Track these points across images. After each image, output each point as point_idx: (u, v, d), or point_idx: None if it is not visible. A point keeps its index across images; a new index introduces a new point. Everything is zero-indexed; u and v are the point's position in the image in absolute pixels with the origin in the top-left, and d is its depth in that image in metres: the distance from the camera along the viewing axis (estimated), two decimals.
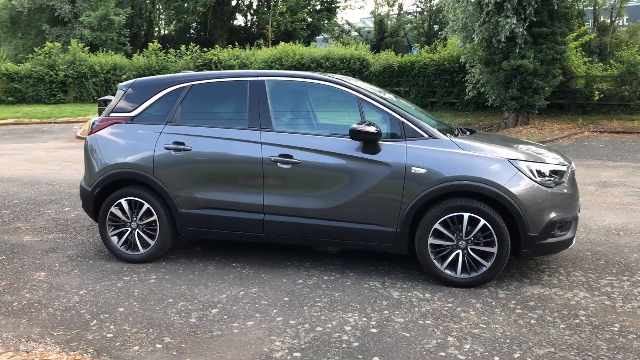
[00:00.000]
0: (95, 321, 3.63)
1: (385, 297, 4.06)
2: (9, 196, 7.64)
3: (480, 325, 3.58)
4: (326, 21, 37.34)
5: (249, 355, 3.19)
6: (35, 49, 23.79)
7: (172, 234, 4.77)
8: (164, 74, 23.56)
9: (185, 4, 33.20)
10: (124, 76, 23.32)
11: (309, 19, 36.24)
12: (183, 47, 24.03)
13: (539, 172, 4.20)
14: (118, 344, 3.32)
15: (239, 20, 42.26)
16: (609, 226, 6.09)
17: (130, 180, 4.79)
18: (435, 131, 4.35)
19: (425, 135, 4.32)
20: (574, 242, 4.46)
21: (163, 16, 38.10)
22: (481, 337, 3.41)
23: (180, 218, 4.69)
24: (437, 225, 4.20)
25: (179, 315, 3.72)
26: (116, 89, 5.14)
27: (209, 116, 4.81)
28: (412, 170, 4.23)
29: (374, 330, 3.50)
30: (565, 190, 4.33)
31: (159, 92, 4.87)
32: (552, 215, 4.17)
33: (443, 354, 3.20)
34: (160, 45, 24.52)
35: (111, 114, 4.96)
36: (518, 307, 3.87)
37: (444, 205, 4.20)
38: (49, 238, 5.63)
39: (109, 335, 3.43)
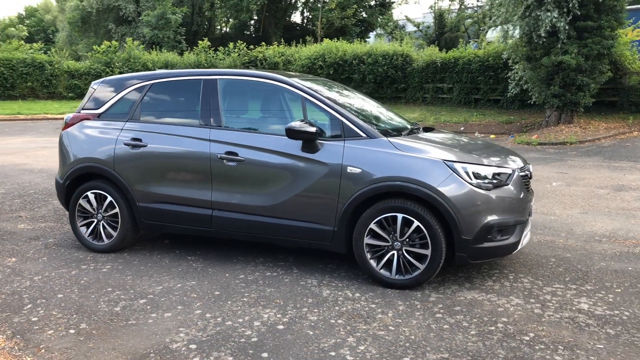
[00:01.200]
0: (30, 305, 3.89)
1: (314, 295, 4.10)
2: (28, 186, 8.20)
3: (390, 327, 3.56)
4: (380, 17, 37.04)
5: (149, 344, 3.33)
6: (94, 47, 25.11)
7: (132, 227, 5.00)
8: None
9: (241, 2, 33.90)
10: None
11: (364, 15, 36.10)
12: (231, 45, 24.62)
13: (475, 174, 4.10)
14: (36, 327, 3.55)
15: (296, 17, 42.78)
16: (596, 232, 5.81)
17: (95, 174, 5.07)
18: (374, 131, 4.33)
19: (363, 135, 4.31)
20: (519, 247, 4.32)
21: (220, 14, 38.99)
22: (382, 339, 3.39)
23: (139, 211, 4.91)
24: (372, 225, 4.19)
25: (107, 304, 3.92)
26: None
27: (165, 113, 5.00)
28: (348, 170, 4.24)
29: (281, 327, 3.56)
30: (507, 194, 4.19)
31: (123, 90, 5.12)
32: (489, 218, 4.06)
33: (333, 353, 3.22)
34: (210, 43, 25.23)
35: (82, 111, 5.26)
36: (441, 311, 3.81)
37: (379, 205, 4.19)
38: (40, 227, 6.03)
39: (34, 319, 3.68)
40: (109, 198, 5.00)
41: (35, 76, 23.50)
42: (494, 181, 4.16)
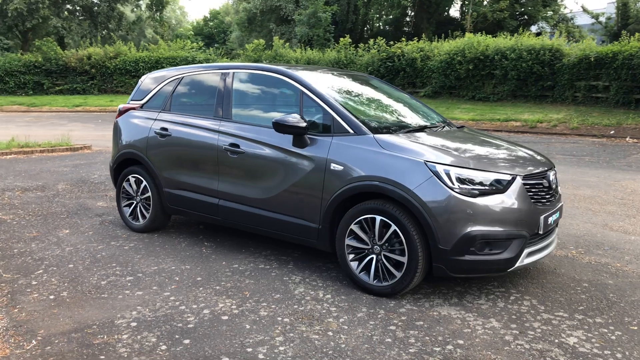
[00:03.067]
0: (40, 271, 4.42)
1: (285, 291, 4.05)
2: None
3: (329, 333, 3.39)
4: (544, 8, 34.25)
5: (101, 317, 3.59)
6: (247, 46, 26.95)
7: (161, 210, 5.37)
8: (350, 67, 24.68)
9: None
10: None
11: (522, 7, 33.69)
12: (371, 42, 24.70)
13: (460, 178, 3.69)
14: (29, 290, 4.03)
15: (455, 12, 41.43)
16: None
17: (135, 160, 5.53)
18: (361, 127, 4.12)
19: (351, 131, 4.12)
20: (517, 265, 3.80)
21: (373, 11, 39.25)
22: (309, 343, 3.25)
23: (164, 196, 5.26)
24: (353, 226, 4.01)
25: (99, 277, 4.29)
26: None
27: (190, 105, 5.27)
28: (331, 167, 4.10)
29: (225, 318, 3.59)
30: (499, 203, 3.71)
31: (161, 83, 5.51)
32: (471, 229, 3.64)
33: (250, 350, 3.17)
34: (351, 40, 25.58)
35: (130, 102, 5.76)
36: (399, 324, 3.52)
37: (361, 206, 3.99)
38: (113, 206, 6.73)
39: (34, 283, 4.17)
40: (144, 182, 5.42)
41: None
42: (483, 187, 3.70)
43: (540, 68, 19.54)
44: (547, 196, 4.03)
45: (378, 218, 3.89)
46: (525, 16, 34.74)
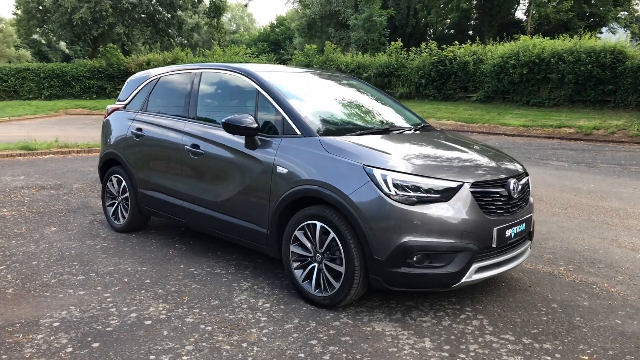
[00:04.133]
0: (2, 267, 4.51)
1: (225, 298, 3.91)
2: None
3: (243, 344, 3.22)
4: (615, 8, 32.32)
5: (29, 315, 3.59)
6: (296, 52, 27.08)
7: (137, 211, 5.38)
8: (401, 71, 24.26)
9: (451, 1, 33.00)
10: (364, 74, 24.76)
11: (596, 8, 31.93)
12: (423, 45, 24.18)
13: (397, 184, 3.41)
14: None
15: (520, 14, 39.92)
16: None
17: (116, 160, 5.57)
18: (309, 128, 3.92)
19: (299, 132, 3.93)
20: (463, 281, 3.47)
21: (433, 15, 38.44)
22: (216, 354, 3.09)
23: (139, 197, 5.26)
24: (297, 232, 3.82)
25: (52, 275, 4.33)
26: None
27: (163, 106, 5.23)
28: (277, 170, 3.93)
29: (148, 323, 3.50)
30: (441, 212, 3.40)
31: (142, 83, 5.53)
32: (407, 238, 3.36)
33: (153, 357, 3.05)
34: (402, 44, 25.12)
35: (116, 103, 5.82)
36: (323, 339, 3.30)
37: (304, 211, 3.79)
38: None
39: None
40: (123, 183, 5.45)
41: None
42: (423, 194, 3.41)
43: (600, 71, 18.37)
44: (505, 206, 3.66)
45: (318, 225, 3.68)
46: (596, 17, 32.93)
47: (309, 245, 3.77)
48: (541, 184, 8.33)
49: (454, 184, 3.46)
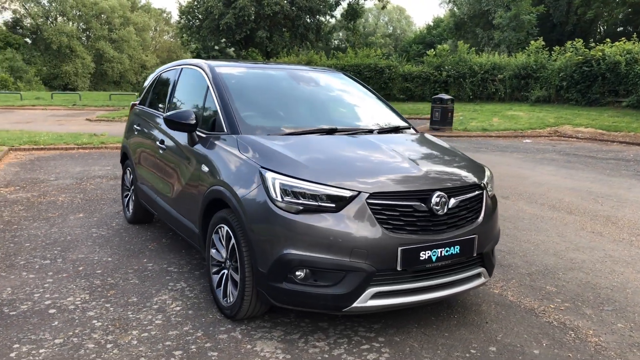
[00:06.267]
0: None
1: (146, 297, 3.84)
2: None
3: (107, 345, 3.11)
4: None
5: None
6: (428, 52, 26.20)
7: (138, 203, 5.54)
8: (540, 73, 22.22)
9: None
10: (499, 75, 23.13)
11: None
12: (568, 44, 21.85)
13: (285, 189, 3.04)
14: None
15: None
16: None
17: (125, 153, 5.82)
18: (235, 126, 3.68)
19: (225, 130, 3.72)
20: (355, 305, 2.99)
21: (594, 10, 34.60)
22: (72, 352, 3.02)
23: (137, 189, 5.43)
24: (213, 236, 3.63)
25: (27, 257, 4.61)
26: (491, 89, 5.81)
27: (155, 101, 5.30)
28: (202, 168, 3.76)
29: (51, 311, 3.55)
30: (330, 224, 2.95)
31: (150, 80, 5.68)
32: (287, 251, 2.98)
33: (16, 345, 3.08)
34: (544, 43, 22.99)
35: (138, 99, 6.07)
36: (190, 351, 3.07)
37: (218, 213, 3.58)
38: None
39: None
40: (131, 175, 5.67)
41: (376, 79, 26.18)
42: (310, 202, 2.99)
43: None
44: (421, 223, 3.06)
45: (225, 229, 3.44)
46: None
47: (222, 250, 3.54)
48: None
49: (347, 193, 2.98)
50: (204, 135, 3.90)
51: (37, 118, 21.51)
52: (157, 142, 4.65)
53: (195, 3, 31.93)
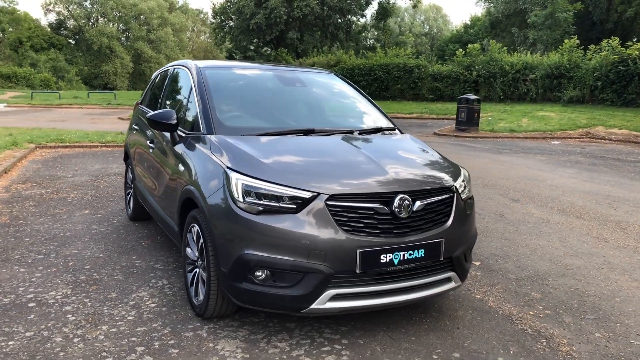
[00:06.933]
0: None
1: (125, 293, 3.92)
2: None
3: (75, 339, 3.19)
4: None
5: None
6: (457, 52, 25.80)
7: (136, 200, 5.65)
8: (574, 72, 21.61)
9: None
10: (531, 75, 22.60)
11: None
12: (604, 42, 21.17)
13: (247, 190, 3.05)
14: None
15: None
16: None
17: (126, 152, 5.94)
18: (211, 126, 3.72)
19: (202, 129, 3.76)
20: (313, 306, 2.98)
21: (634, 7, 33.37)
22: (39, 344, 3.11)
23: (135, 187, 5.54)
24: (187, 234, 3.67)
25: (23, 251, 4.76)
26: (523, 89, 5.82)
27: (153, 100, 5.39)
28: (179, 168, 3.82)
29: (31, 305, 3.65)
30: (288, 225, 2.95)
31: (152, 80, 5.78)
32: (246, 251, 2.99)
33: None
34: (579, 42, 22.33)
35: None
36: (154, 346, 3.11)
37: (191, 212, 3.62)
38: None
39: None
40: (131, 173, 5.79)
41: (405, 79, 25.96)
42: (270, 204, 2.99)
43: None
44: (383, 226, 3.02)
45: (195, 228, 3.47)
46: None
47: (195, 249, 3.58)
48: None
49: (306, 195, 2.97)
50: (184, 135, 3.96)
51: (72, 116, 22.16)
52: (148, 141, 4.74)
53: (229, 3, 32.32)
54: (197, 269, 3.55)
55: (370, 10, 32.83)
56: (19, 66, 50.32)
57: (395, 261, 3.03)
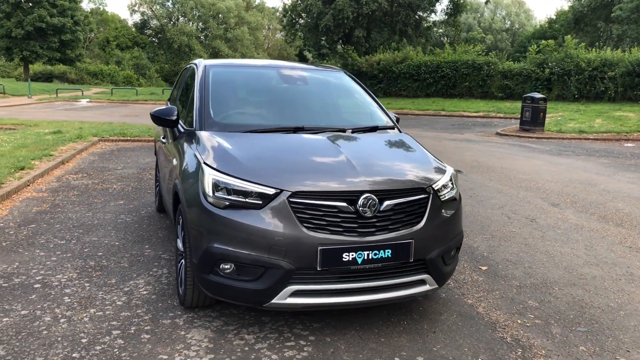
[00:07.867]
0: (32, 225, 5.50)
1: (125, 279, 4.12)
2: None
3: (61, 319, 3.40)
4: None
5: None
6: (530, 48, 24.68)
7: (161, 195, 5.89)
8: None
9: None
10: (609, 73, 21.28)
11: None
12: None
13: (217, 185, 3.13)
14: None
15: None
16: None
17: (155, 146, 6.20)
18: (202, 122, 3.85)
19: (195, 125, 3.89)
20: (274, 301, 3.03)
21: None
22: (28, 323, 3.35)
23: (159, 181, 5.79)
24: (178, 227, 3.82)
25: (47, 237, 5.10)
26: (600, 87, 5.92)
27: (174, 97, 5.59)
28: (173, 162, 3.97)
29: (37, 286, 3.93)
30: (252, 220, 3.00)
31: (178, 78, 6.00)
32: (212, 244, 3.08)
33: None
34: None
35: None
36: (131, 330, 3.27)
37: (179, 205, 3.76)
38: None
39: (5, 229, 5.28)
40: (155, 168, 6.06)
41: (473, 76, 25.19)
42: (237, 199, 3.06)
43: None
44: (344, 224, 2.99)
45: (181, 220, 3.60)
46: None
47: (182, 240, 3.71)
48: None
49: (270, 191, 3.01)
50: (182, 131, 4.10)
51: (145, 112, 23.28)
52: (162, 137, 4.94)
53: (298, 1, 32.71)
54: (183, 260, 3.67)
55: (441, 6, 32.01)
56: (106, 64, 53.52)
57: (359, 260, 3.00)
